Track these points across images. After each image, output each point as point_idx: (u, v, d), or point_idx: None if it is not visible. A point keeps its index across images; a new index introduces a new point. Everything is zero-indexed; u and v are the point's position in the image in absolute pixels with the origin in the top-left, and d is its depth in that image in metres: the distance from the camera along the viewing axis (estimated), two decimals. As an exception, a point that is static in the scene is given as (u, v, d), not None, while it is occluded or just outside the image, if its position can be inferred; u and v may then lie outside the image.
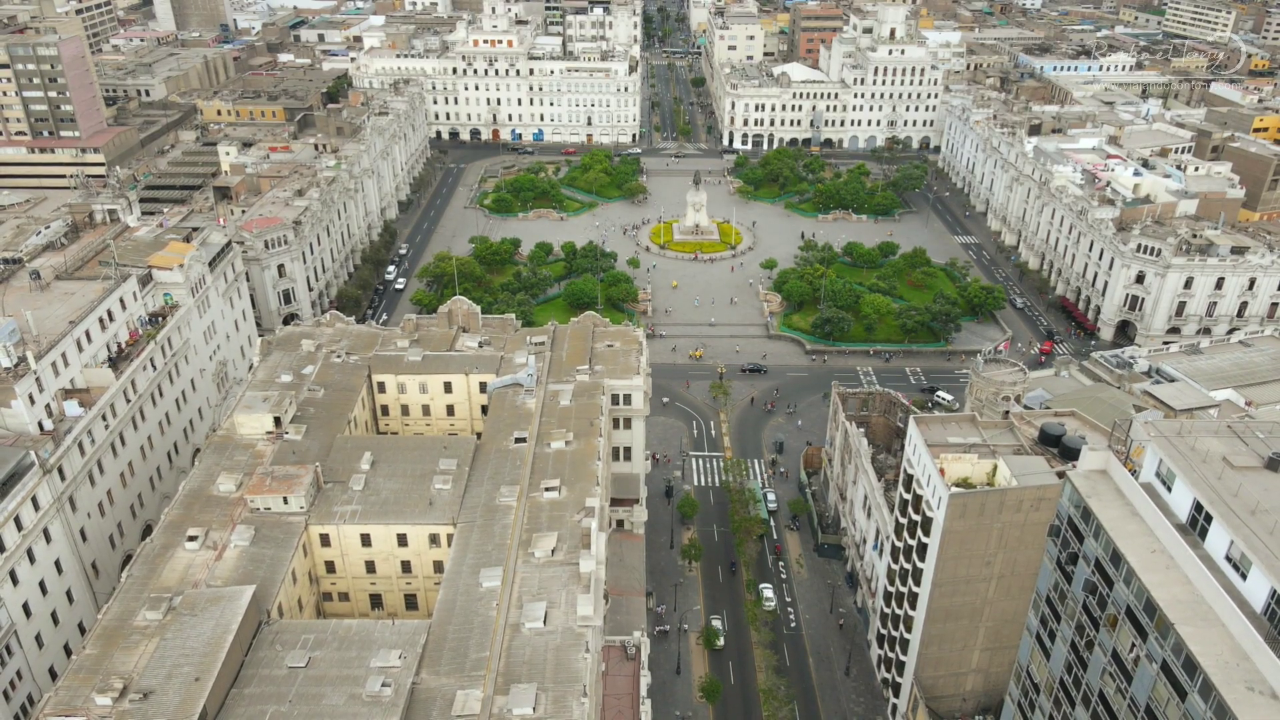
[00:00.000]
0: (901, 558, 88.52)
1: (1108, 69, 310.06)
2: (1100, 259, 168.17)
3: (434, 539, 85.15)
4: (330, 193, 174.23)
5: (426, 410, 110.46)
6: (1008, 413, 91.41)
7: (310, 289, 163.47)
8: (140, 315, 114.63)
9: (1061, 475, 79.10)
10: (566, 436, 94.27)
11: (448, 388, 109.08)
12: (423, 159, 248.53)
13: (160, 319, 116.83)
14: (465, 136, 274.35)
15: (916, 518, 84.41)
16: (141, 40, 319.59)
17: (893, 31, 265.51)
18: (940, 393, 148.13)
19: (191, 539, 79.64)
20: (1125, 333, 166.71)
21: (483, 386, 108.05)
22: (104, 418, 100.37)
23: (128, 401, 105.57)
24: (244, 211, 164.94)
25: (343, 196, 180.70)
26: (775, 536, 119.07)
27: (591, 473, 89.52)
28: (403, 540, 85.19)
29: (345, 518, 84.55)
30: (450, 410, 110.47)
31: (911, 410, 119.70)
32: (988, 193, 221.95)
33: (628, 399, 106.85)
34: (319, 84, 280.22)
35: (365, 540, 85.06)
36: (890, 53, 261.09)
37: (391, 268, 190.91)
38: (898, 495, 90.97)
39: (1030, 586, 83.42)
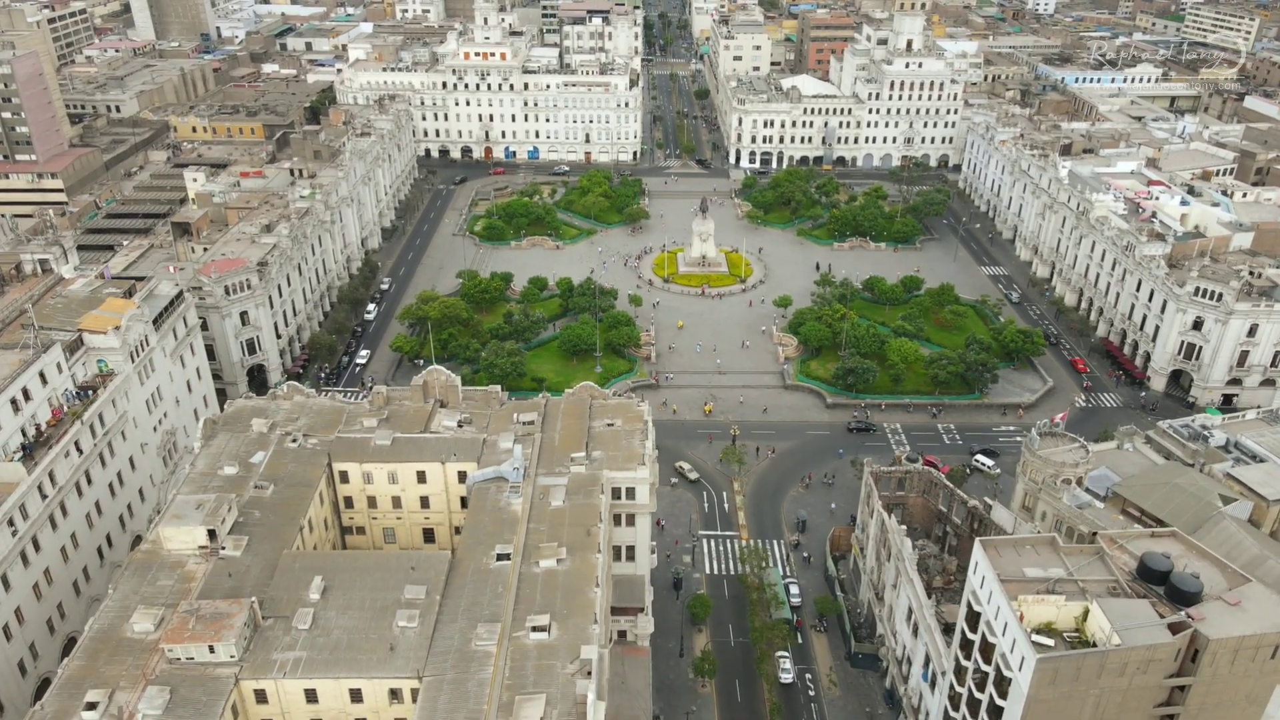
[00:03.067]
0: (965, 710, 72.89)
1: (1132, 80, 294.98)
2: (1150, 300, 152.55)
3: (395, 694, 69.49)
4: (302, 227, 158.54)
5: (397, 502, 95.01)
6: (1095, 534, 75.84)
7: (279, 336, 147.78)
8: (67, 389, 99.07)
9: (1175, 630, 63.60)
10: (559, 553, 78.71)
11: (421, 477, 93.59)
12: (409, 181, 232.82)
13: (91, 392, 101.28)
14: (456, 155, 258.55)
15: (987, 669, 68.83)
16: (116, 51, 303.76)
17: (909, 43, 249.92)
18: (979, 456, 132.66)
19: (90, 706, 64.12)
20: (1179, 383, 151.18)
21: (462, 476, 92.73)
22: (11, 523, 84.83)
23: (44, 498, 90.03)
24: (206, 250, 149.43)
25: (317, 230, 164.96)
26: (800, 640, 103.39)
27: (588, 604, 74.02)
28: (356, 696, 69.49)
29: (287, 668, 68.87)
30: (425, 502, 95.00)
31: (953, 491, 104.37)
32: (1016, 219, 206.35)
33: (630, 493, 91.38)
34: (302, 98, 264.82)
35: (311, 696, 69.37)
36: (907, 65, 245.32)
37: (372, 306, 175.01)
38: (958, 629, 75.38)
39: (1130, 759, 68.03)
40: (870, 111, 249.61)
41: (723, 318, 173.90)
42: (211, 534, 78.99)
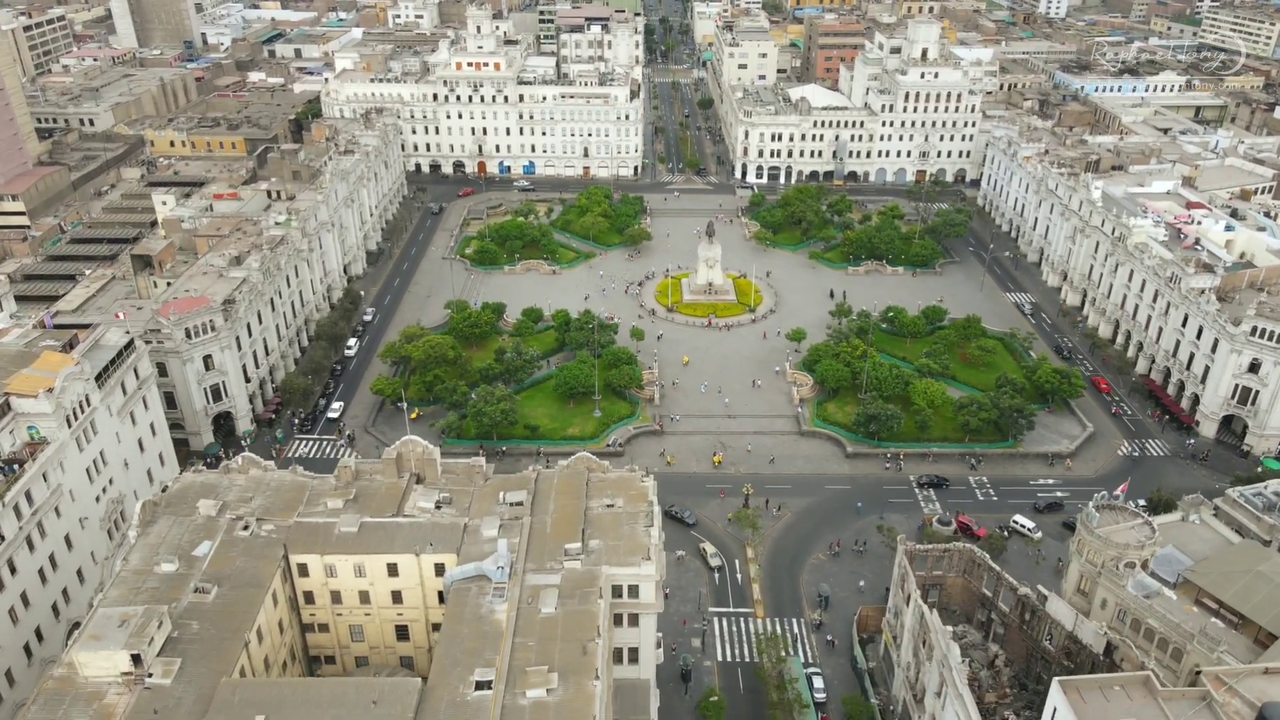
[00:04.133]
0: None
1: (1155, 89, 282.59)
2: (1198, 338, 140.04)
3: None
4: (275, 258, 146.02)
5: (365, 597, 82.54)
6: (1199, 671, 63.41)
7: (248, 380, 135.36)
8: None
9: (1316, 817, 51.08)
10: (549, 680, 66.21)
11: (393, 570, 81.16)
12: (397, 200, 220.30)
13: (18, 466, 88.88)
14: (448, 170, 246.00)
15: (1071, 845, 56.38)
16: (94, 60, 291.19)
17: (924, 52, 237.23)
18: (1018, 517, 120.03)
19: None
20: (1230, 428, 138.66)
21: (440, 569, 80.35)
22: (-93, 637, 72.56)
23: (-48, 600, 77.70)
24: (169, 284, 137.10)
25: (293, 260, 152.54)
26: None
27: (584, 752, 61.61)
28: None
29: (215, 843, 56.60)
30: (397, 597, 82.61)
31: (1000, 575, 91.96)
32: (1042, 241, 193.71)
33: (634, 591, 78.93)
34: (288, 109, 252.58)
35: None
36: (922, 76, 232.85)
37: (353, 341, 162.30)
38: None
39: None
40: (884, 124, 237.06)
41: (731, 351, 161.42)
42: (136, 659, 66.53)
